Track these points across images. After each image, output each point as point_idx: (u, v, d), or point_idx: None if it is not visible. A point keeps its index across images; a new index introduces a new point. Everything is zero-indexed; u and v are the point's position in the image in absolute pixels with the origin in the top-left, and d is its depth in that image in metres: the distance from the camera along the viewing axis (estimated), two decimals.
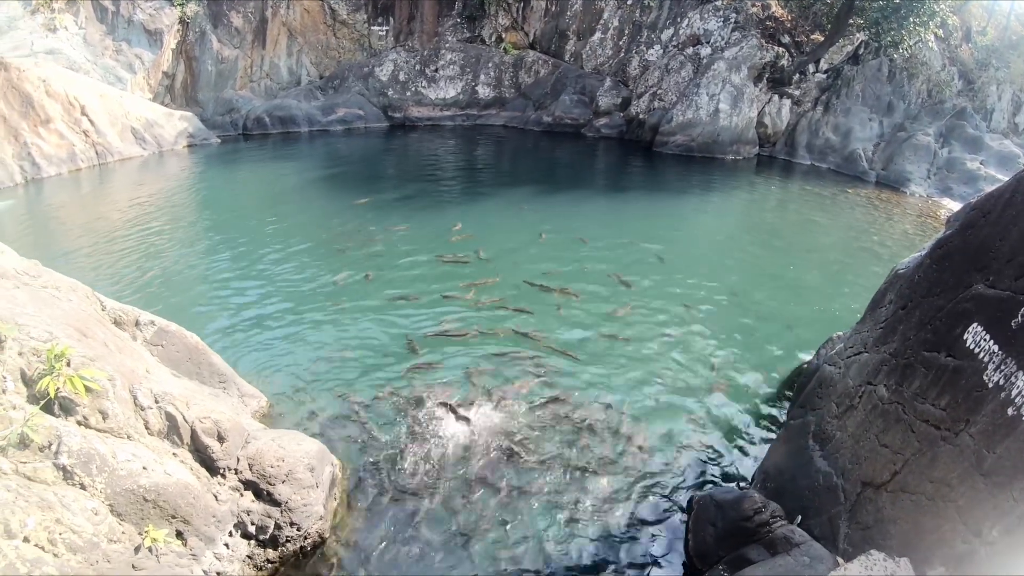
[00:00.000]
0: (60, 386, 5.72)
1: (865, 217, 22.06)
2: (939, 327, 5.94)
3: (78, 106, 22.17)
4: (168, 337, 8.82)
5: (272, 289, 13.72)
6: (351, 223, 17.72)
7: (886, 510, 5.81)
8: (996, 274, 5.42)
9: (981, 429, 5.02)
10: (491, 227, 17.87)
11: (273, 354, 11.38)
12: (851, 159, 28.24)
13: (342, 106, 30.73)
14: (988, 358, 5.17)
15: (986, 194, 6.21)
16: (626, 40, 32.34)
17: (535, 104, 32.60)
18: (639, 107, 30.54)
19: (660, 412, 10.28)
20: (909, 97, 29.53)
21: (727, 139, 28.57)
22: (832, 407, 7.59)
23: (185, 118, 26.60)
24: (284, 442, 7.55)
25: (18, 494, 5.17)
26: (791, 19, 31.36)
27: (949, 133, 28.43)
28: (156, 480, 6.05)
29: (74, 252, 15.14)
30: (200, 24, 27.78)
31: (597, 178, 25.11)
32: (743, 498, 7.25)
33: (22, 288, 7.05)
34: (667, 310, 13.60)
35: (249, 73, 29.71)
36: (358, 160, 25.85)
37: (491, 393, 10.34)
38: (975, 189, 23.82)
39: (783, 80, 29.73)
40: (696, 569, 7.36)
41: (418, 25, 32.44)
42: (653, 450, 9.41)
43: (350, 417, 9.71)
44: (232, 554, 6.74)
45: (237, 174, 23.07)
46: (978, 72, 31.66)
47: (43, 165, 20.82)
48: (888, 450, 6.03)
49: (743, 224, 21.22)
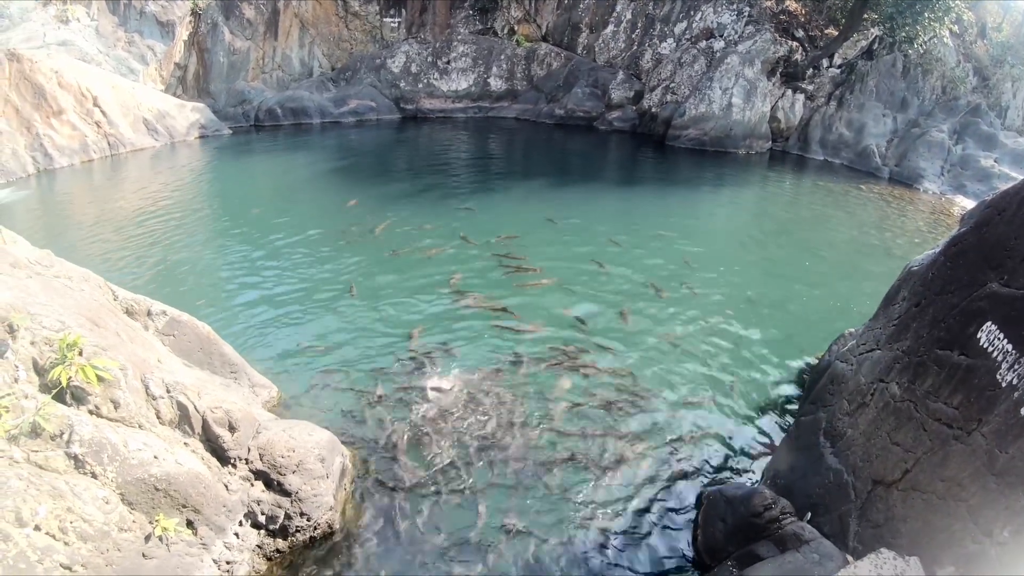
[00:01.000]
0: (72, 375, 5.75)
1: (878, 213, 21.93)
2: (952, 325, 5.90)
3: (90, 97, 22.26)
4: (180, 327, 8.85)
5: (284, 280, 13.76)
6: (363, 215, 17.73)
7: (896, 508, 5.78)
8: (1011, 273, 5.37)
9: (994, 428, 4.99)
10: (503, 218, 17.88)
11: (285, 344, 11.42)
12: (864, 155, 28.05)
13: (354, 98, 30.72)
14: (1002, 357, 5.13)
15: (1002, 192, 6.15)
16: (639, 33, 32.19)
17: (547, 97, 32.51)
18: (652, 100, 30.42)
19: (670, 407, 10.26)
20: (923, 93, 29.30)
21: (740, 133, 28.43)
22: (844, 404, 7.56)
23: (197, 109, 26.67)
24: (295, 432, 7.57)
25: (30, 483, 5.21)
26: (805, 13, 31.15)
27: (963, 130, 28.20)
28: (167, 469, 6.08)
29: (86, 242, 15.21)
30: (212, 15, 27.82)
31: (609, 171, 25.08)
32: (753, 494, 7.23)
33: (34, 278, 7.09)
34: (678, 304, 13.57)
35: (261, 65, 29.74)
36: (369, 152, 25.88)
37: (507, 385, 10.34)
38: (989, 187, 23.64)
39: (796, 75, 29.55)
40: (705, 565, 7.35)
41: (430, 17, 32.39)
42: (662, 445, 9.40)
43: (361, 408, 9.73)
44: (242, 543, 6.78)
45: (249, 165, 23.14)
46: (993, 69, 31.38)
47: (55, 156, 20.91)
48: (899, 448, 6.00)
49: (756, 219, 21.14)
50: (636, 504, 8.35)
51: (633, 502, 8.37)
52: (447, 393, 10.06)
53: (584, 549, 7.62)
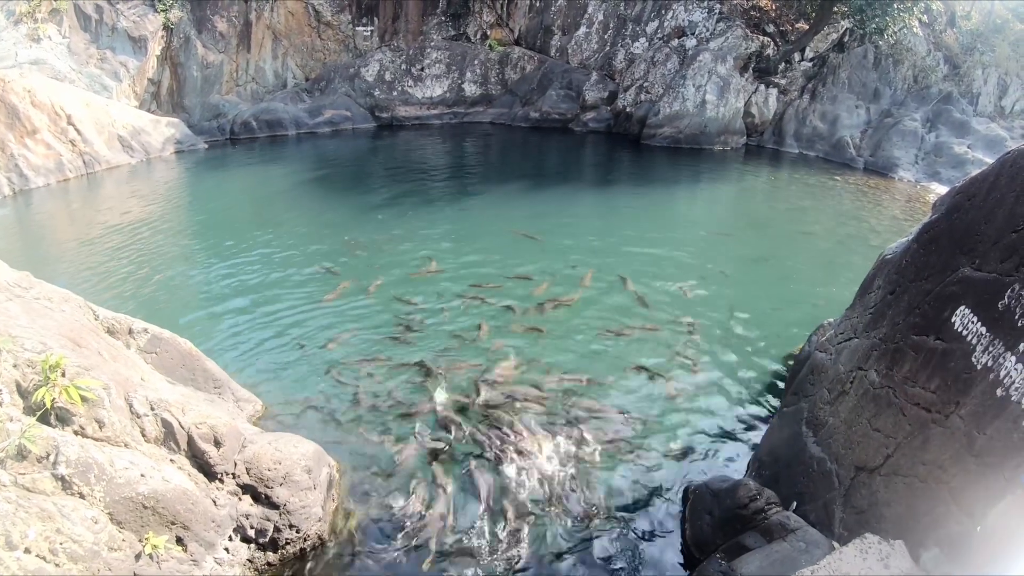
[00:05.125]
0: (56, 396, 5.73)
1: (854, 204, 22.16)
2: (927, 311, 5.99)
3: (64, 116, 22.06)
4: (162, 344, 8.83)
5: (264, 294, 13.72)
6: (343, 227, 17.73)
7: (880, 494, 5.87)
8: (982, 257, 5.47)
9: (971, 411, 5.07)
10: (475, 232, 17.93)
11: (267, 358, 11.41)
12: (839, 146, 28.31)
13: (329, 108, 30.61)
14: (976, 340, 5.22)
15: (971, 178, 6.26)
16: (611, 34, 32.34)
17: (522, 100, 32.56)
18: (626, 100, 30.54)
19: (652, 402, 10.34)
20: (895, 83, 29.62)
21: (715, 130, 28.63)
22: (824, 393, 7.65)
23: (172, 124, 26.49)
24: (281, 445, 7.57)
25: (18, 505, 5.19)
26: (775, 8, 31.44)
27: (936, 118, 28.53)
28: (154, 487, 6.07)
29: (65, 262, 15.11)
30: (184, 30, 27.65)
31: (586, 172, 25.19)
32: (738, 486, 7.30)
33: (14, 300, 7.05)
34: (657, 300, 13.66)
35: (235, 77, 29.59)
36: (345, 162, 25.85)
37: (490, 391, 10.38)
38: (963, 173, 23.83)
39: (769, 70, 29.81)
40: (694, 558, 7.41)
41: (403, 24, 32.36)
42: (647, 440, 9.47)
43: (346, 418, 9.75)
44: (233, 558, 6.77)
45: (225, 179, 23.01)
46: (963, 57, 31.75)
47: (31, 176, 20.71)
48: (880, 434, 6.09)
49: (733, 214, 21.32)
50: (622, 500, 8.41)
51: (619, 499, 8.43)
52: (434, 404, 10.07)
53: (573, 547, 7.67)
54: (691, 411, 10.25)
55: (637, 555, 7.65)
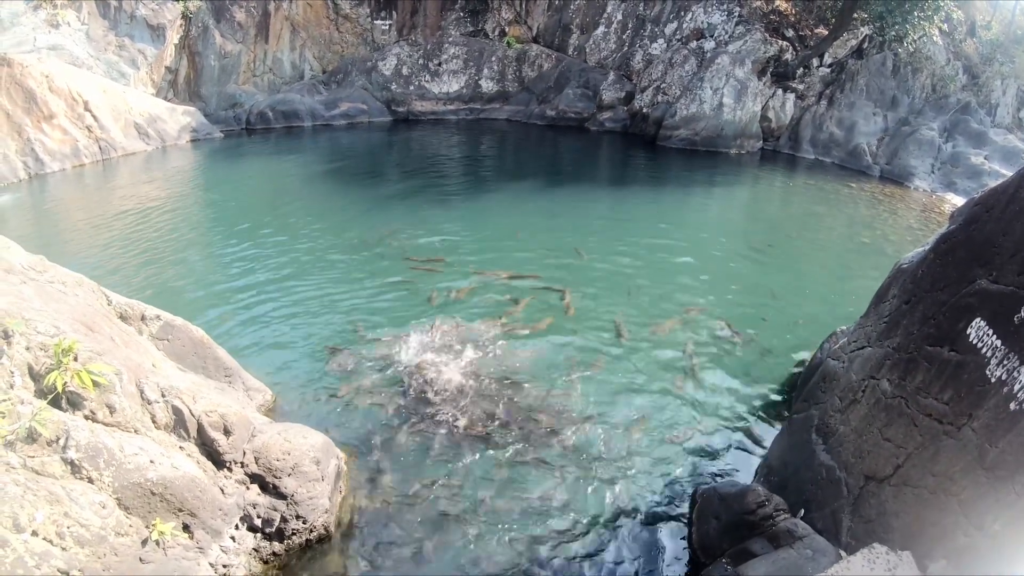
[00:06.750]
0: (67, 380, 5.76)
1: (869, 211, 22.02)
2: (942, 322, 5.96)
3: (81, 101, 22.20)
4: (174, 331, 8.86)
5: (277, 283, 13.75)
6: (356, 219, 17.76)
7: (888, 504, 5.84)
8: (999, 269, 5.43)
9: (984, 424, 5.04)
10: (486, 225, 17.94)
11: (279, 348, 11.43)
12: (855, 153, 28.14)
13: (345, 100, 30.68)
14: (991, 353, 5.18)
15: (990, 189, 6.21)
16: (629, 34, 32.26)
17: (538, 98, 32.52)
18: (643, 101, 30.44)
19: (663, 406, 10.31)
20: (913, 92, 29.42)
21: (731, 133, 28.50)
22: (835, 401, 7.61)
23: (188, 113, 26.63)
24: (290, 435, 7.59)
25: (27, 488, 5.22)
26: (795, 13, 31.26)
27: (953, 128, 28.31)
28: (163, 473, 6.10)
29: (79, 247, 15.19)
30: (203, 19, 27.75)
31: (601, 172, 25.14)
32: (747, 491, 7.27)
33: (28, 283, 7.09)
34: (669, 303, 13.63)
35: (252, 68, 29.67)
36: (361, 155, 25.90)
37: (500, 384, 10.38)
38: (979, 184, 23.70)
39: (787, 74, 29.65)
40: (700, 562, 7.38)
41: (421, 19, 32.39)
42: (656, 444, 9.45)
43: (356, 410, 9.76)
44: (238, 547, 6.79)
45: (240, 169, 23.11)
46: (982, 67, 31.49)
47: (47, 160, 20.86)
48: (891, 444, 6.05)
49: (747, 218, 21.23)
50: (630, 503, 8.39)
51: (626, 501, 8.41)
52: (443, 395, 10.08)
53: (580, 549, 7.66)
54: (701, 414, 10.20)
55: (643, 557, 7.64)
